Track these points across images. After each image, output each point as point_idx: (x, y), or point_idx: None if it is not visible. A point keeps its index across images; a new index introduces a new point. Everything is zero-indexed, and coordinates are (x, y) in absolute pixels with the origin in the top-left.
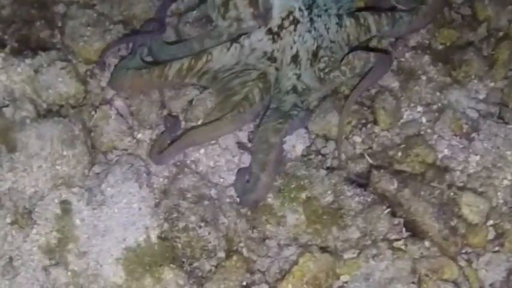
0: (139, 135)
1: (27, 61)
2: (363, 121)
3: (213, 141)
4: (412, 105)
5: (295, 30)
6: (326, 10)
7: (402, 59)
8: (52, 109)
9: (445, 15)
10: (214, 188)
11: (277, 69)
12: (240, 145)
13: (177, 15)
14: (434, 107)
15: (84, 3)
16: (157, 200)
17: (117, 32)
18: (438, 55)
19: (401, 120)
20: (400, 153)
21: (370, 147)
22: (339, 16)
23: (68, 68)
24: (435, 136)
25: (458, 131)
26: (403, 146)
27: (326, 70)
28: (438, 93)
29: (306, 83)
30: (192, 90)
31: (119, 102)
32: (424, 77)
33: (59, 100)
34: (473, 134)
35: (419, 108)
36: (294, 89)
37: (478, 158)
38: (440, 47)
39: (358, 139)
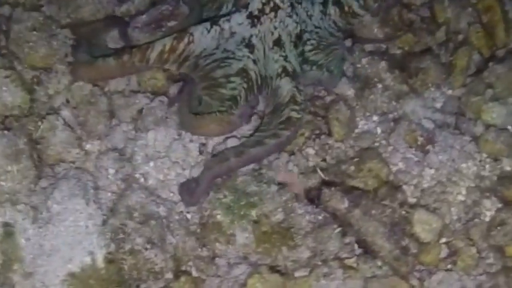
0: (87, 146)
1: None
2: (317, 132)
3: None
4: (367, 114)
5: (275, 16)
6: None
7: (358, 65)
8: None
9: (404, 18)
10: (163, 204)
11: (255, 62)
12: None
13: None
14: (390, 116)
15: (30, 5)
16: (105, 217)
17: (64, 37)
18: (395, 61)
19: (356, 130)
20: (353, 167)
21: (324, 160)
22: (324, 4)
23: (13, 76)
24: (390, 148)
25: (413, 143)
26: (356, 159)
27: (313, 52)
28: (394, 102)
29: (294, 64)
30: (142, 98)
31: (66, 112)
32: (380, 85)
33: (3, 110)
34: (429, 146)
35: (375, 118)
36: (284, 70)
37: (432, 171)
38: (398, 51)
39: (311, 151)
